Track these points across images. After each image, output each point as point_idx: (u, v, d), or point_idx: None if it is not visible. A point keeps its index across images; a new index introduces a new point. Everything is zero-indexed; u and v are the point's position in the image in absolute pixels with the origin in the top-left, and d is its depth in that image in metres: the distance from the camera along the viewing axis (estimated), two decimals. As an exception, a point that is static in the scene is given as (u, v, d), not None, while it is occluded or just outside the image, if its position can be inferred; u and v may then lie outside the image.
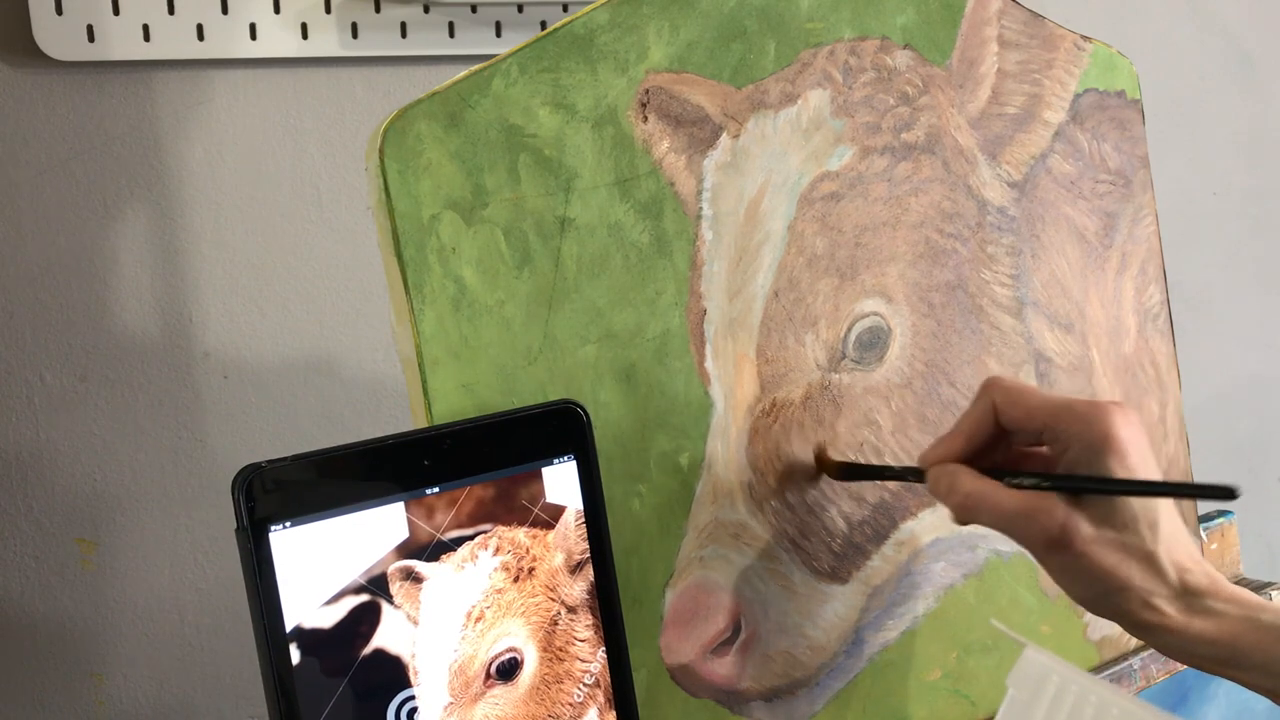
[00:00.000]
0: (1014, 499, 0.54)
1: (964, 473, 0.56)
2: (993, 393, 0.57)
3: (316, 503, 0.47)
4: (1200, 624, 0.54)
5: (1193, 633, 0.54)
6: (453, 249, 0.55)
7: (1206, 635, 0.54)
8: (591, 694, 0.52)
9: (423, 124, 0.55)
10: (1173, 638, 0.55)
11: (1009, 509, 0.54)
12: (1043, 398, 0.56)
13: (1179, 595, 0.54)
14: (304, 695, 0.46)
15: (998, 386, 0.57)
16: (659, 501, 0.61)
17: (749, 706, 0.64)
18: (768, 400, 0.63)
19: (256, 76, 0.85)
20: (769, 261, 0.64)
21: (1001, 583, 0.73)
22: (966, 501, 0.55)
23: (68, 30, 0.77)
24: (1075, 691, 0.45)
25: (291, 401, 0.88)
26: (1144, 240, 0.79)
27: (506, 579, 0.50)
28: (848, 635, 0.67)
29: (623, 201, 0.59)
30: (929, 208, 0.69)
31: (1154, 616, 0.54)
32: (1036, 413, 0.56)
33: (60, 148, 0.80)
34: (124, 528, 0.84)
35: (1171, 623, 0.54)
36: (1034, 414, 0.56)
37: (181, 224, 0.84)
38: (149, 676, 0.86)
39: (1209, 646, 0.54)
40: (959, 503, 0.56)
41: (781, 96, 0.64)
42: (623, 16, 0.59)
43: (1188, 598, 0.54)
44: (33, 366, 0.81)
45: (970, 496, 0.55)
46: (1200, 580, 0.54)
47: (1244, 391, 1.39)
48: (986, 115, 0.72)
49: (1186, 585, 0.54)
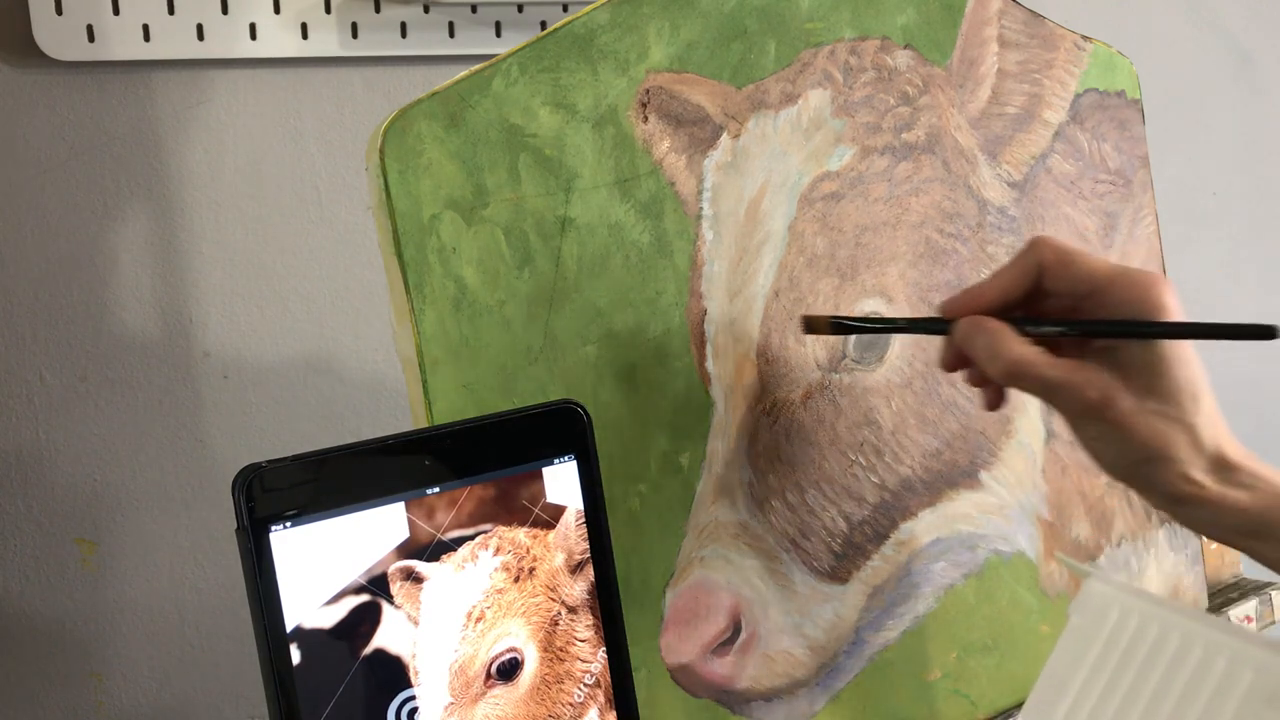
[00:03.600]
0: (1060, 367, 0.54)
1: (1007, 333, 0.55)
2: (1042, 251, 0.56)
3: (316, 503, 0.46)
4: (1235, 495, 0.54)
5: (1227, 504, 0.54)
6: (453, 249, 0.55)
7: (1239, 506, 0.54)
8: (592, 694, 0.52)
9: (423, 124, 0.55)
10: (1205, 509, 0.55)
11: (1054, 377, 0.54)
12: (1096, 260, 0.55)
13: (1215, 467, 0.54)
14: (304, 695, 0.46)
15: (1048, 245, 0.56)
16: (659, 501, 0.61)
17: (749, 706, 0.64)
18: (768, 400, 0.63)
19: (256, 76, 0.85)
20: (769, 261, 0.64)
21: (1001, 583, 0.73)
22: (1014, 368, 0.54)
23: (68, 30, 0.77)
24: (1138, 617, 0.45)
25: (291, 401, 0.88)
26: (1144, 240, 0.79)
27: (507, 579, 0.50)
28: (848, 635, 0.67)
29: (623, 201, 0.59)
30: (929, 208, 0.69)
31: (1190, 488, 0.54)
32: (1091, 274, 0.55)
33: (60, 148, 0.80)
34: (124, 528, 0.84)
35: (1207, 494, 0.54)
36: (1088, 276, 0.55)
37: (181, 224, 0.84)
38: (149, 676, 0.86)
39: (1239, 517, 0.54)
40: (1005, 367, 0.54)
41: (782, 96, 0.64)
42: (623, 16, 0.59)
43: (1223, 470, 0.54)
44: (33, 366, 0.81)
45: (1019, 363, 0.54)
46: (1235, 454, 0.55)
47: (1244, 391, 1.39)
48: (987, 115, 0.72)
49: (1223, 458, 0.54)
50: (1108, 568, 0.77)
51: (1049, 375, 0.54)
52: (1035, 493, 0.74)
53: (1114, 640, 0.45)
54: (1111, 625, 0.45)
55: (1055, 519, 0.74)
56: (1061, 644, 0.46)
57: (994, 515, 0.72)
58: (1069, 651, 0.46)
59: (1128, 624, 0.45)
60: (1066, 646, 0.46)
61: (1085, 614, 0.46)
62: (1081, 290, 0.55)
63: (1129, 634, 0.45)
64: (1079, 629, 0.46)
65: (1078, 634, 0.46)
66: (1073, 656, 0.45)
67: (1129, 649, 0.44)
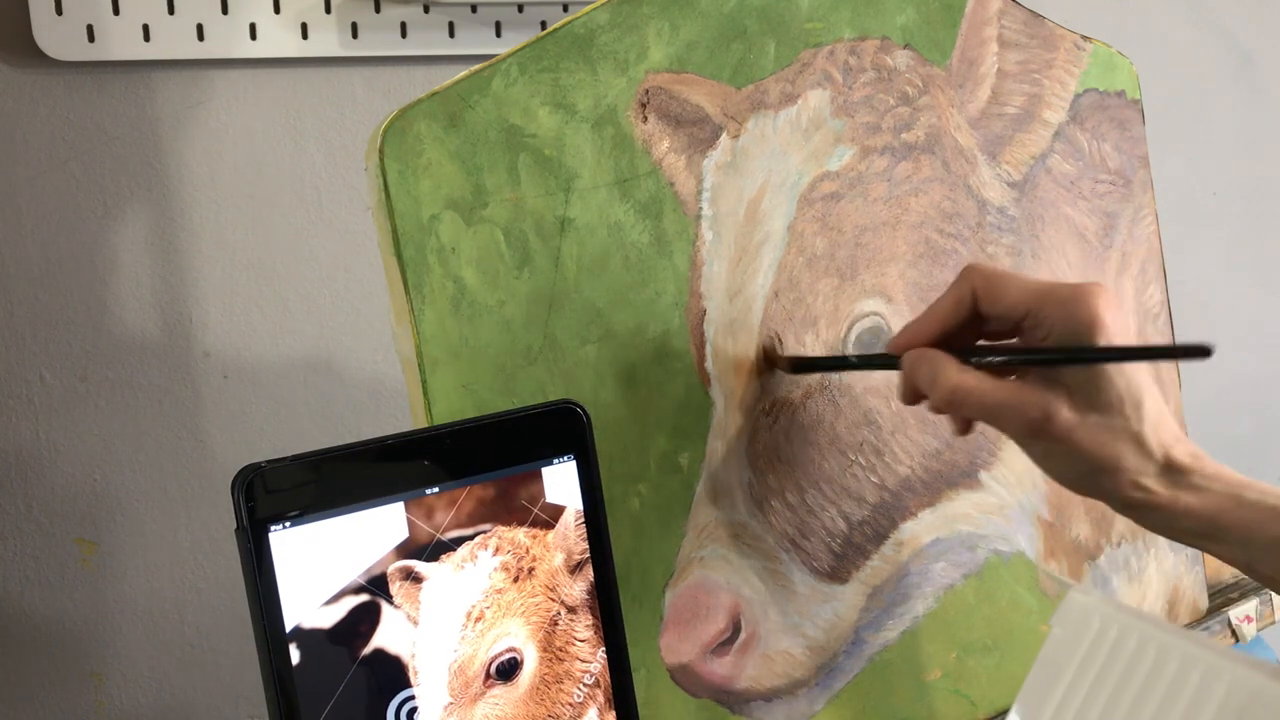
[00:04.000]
0: (999, 390, 0.54)
1: (948, 362, 0.56)
2: (972, 279, 0.57)
3: (316, 503, 0.47)
4: (1186, 499, 0.55)
5: (1179, 508, 0.55)
6: (452, 249, 0.55)
7: (1192, 510, 0.55)
8: (591, 694, 0.52)
9: (423, 124, 0.55)
10: (1159, 514, 0.56)
11: (994, 400, 0.54)
12: (1025, 282, 0.56)
13: (1164, 472, 0.55)
14: (304, 695, 0.46)
15: (978, 272, 0.57)
16: (659, 501, 0.61)
17: (749, 706, 0.64)
18: (768, 400, 0.63)
19: (256, 76, 0.85)
20: (769, 261, 0.64)
21: (1001, 583, 0.73)
22: (953, 396, 0.55)
23: (68, 30, 0.77)
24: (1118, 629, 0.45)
25: (291, 401, 0.88)
26: (1144, 240, 0.79)
27: (506, 579, 0.50)
28: (847, 635, 0.67)
29: (623, 201, 0.59)
30: (929, 208, 0.69)
31: (1141, 495, 0.55)
32: (1020, 298, 0.55)
33: (60, 148, 0.80)
34: (124, 528, 0.84)
35: (1158, 499, 0.55)
36: (1017, 299, 0.56)
37: (181, 224, 0.84)
38: (149, 676, 0.86)
39: (1192, 520, 0.55)
40: (945, 395, 0.55)
41: (781, 96, 0.64)
42: (623, 16, 0.59)
43: (1173, 474, 0.55)
44: (33, 366, 0.81)
45: (958, 390, 0.55)
46: (1184, 458, 0.55)
47: (1244, 391, 1.39)
48: (986, 115, 0.72)
49: (1172, 462, 0.55)
50: (1108, 568, 0.77)
51: (989, 399, 0.55)
52: (1035, 493, 0.74)
53: (1094, 651, 0.45)
54: (1092, 636, 0.46)
55: (1055, 519, 0.74)
56: (1044, 655, 0.47)
57: (994, 515, 0.72)
58: (1051, 662, 0.46)
59: (1107, 635, 0.45)
60: (1049, 657, 0.47)
61: (1067, 625, 0.47)
62: (1016, 313, 0.56)
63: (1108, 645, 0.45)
64: (1060, 640, 0.47)
65: (1059, 645, 0.47)
66: (1055, 667, 0.46)
67: (1108, 660, 0.45)
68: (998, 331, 0.58)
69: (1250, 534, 0.55)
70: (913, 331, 0.58)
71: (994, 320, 0.57)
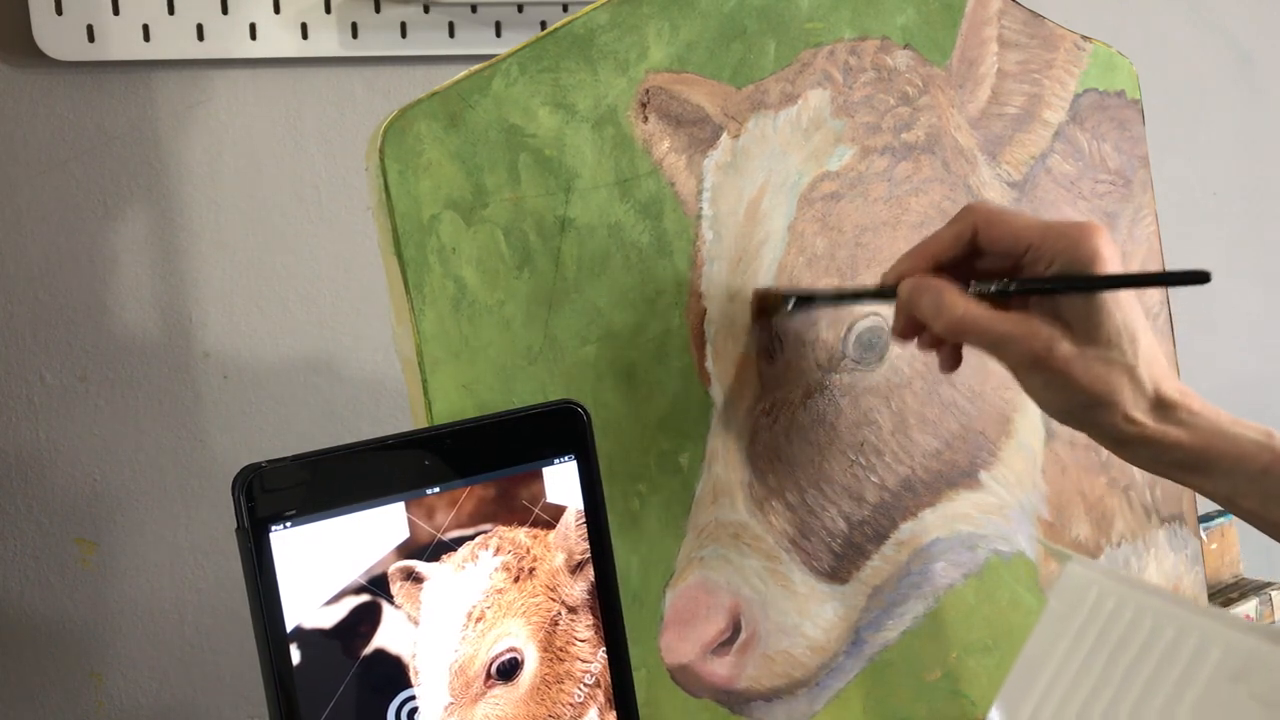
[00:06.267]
0: (1005, 321, 0.55)
1: (951, 291, 0.56)
2: (974, 215, 0.58)
3: (316, 503, 0.47)
4: (1175, 433, 0.57)
5: (1169, 441, 0.57)
6: (453, 249, 0.55)
7: (1180, 443, 0.57)
8: (592, 694, 0.52)
9: (423, 124, 0.55)
10: (1147, 447, 0.57)
11: (1000, 330, 0.55)
12: (1028, 218, 0.57)
13: (1155, 406, 0.57)
14: (304, 695, 0.46)
15: (980, 209, 0.58)
16: (659, 501, 0.61)
17: (749, 706, 0.64)
18: (768, 400, 0.63)
19: (256, 76, 0.85)
20: (769, 261, 0.64)
21: (1001, 583, 0.73)
22: (960, 324, 0.56)
23: (68, 30, 0.77)
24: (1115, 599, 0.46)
25: (291, 401, 0.88)
26: (1144, 240, 0.79)
27: (507, 579, 0.50)
28: (848, 635, 0.67)
29: (623, 201, 0.59)
30: (929, 208, 0.69)
31: (1133, 428, 0.56)
32: (1024, 232, 0.56)
33: (60, 148, 0.80)
34: (124, 528, 0.84)
35: (1149, 432, 0.57)
36: (1021, 233, 0.56)
37: (181, 224, 0.84)
38: (149, 676, 0.86)
39: (1181, 453, 0.57)
40: (951, 323, 0.56)
41: (781, 96, 0.64)
42: (623, 16, 0.59)
43: (1163, 409, 0.57)
44: (33, 366, 0.81)
45: (965, 319, 0.56)
46: (1173, 393, 0.57)
47: (1244, 391, 1.39)
48: (986, 115, 0.72)
49: (1162, 397, 0.57)
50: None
51: (994, 328, 0.56)
52: (1035, 493, 0.74)
53: (1090, 621, 0.46)
54: (1089, 607, 0.46)
55: (1055, 519, 0.74)
56: (1040, 626, 0.47)
57: (994, 515, 0.72)
58: (1047, 633, 0.47)
59: (1104, 606, 0.46)
60: (1045, 628, 0.47)
61: (1064, 597, 0.47)
62: (1017, 248, 0.57)
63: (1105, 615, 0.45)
64: (1057, 611, 0.47)
65: (1056, 616, 0.47)
66: (1050, 637, 0.46)
67: (1105, 629, 0.45)
68: (991, 269, 0.58)
69: (1235, 466, 0.56)
70: (910, 260, 0.59)
71: (992, 256, 0.58)
